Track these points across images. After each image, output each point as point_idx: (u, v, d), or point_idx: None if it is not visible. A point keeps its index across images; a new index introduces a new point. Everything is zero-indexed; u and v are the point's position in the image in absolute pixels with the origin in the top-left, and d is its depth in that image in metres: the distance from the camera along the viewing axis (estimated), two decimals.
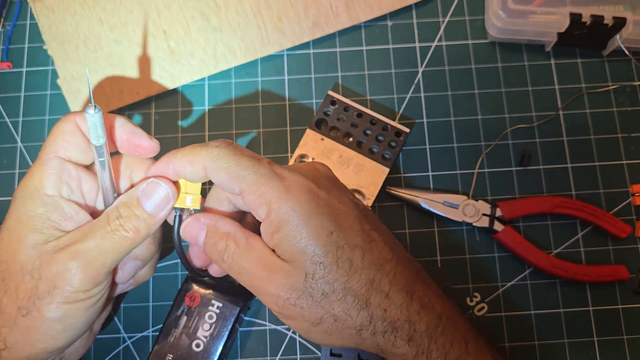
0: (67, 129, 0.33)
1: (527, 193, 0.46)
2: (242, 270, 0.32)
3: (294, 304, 0.31)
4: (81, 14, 0.49)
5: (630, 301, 0.44)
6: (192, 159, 0.32)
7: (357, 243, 0.31)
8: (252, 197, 0.31)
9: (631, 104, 0.48)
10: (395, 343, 0.31)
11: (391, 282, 0.31)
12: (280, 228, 0.30)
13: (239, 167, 0.31)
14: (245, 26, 0.49)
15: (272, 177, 0.31)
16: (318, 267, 0.30)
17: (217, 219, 0.33)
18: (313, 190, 0.31)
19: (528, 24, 0.46)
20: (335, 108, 0.46)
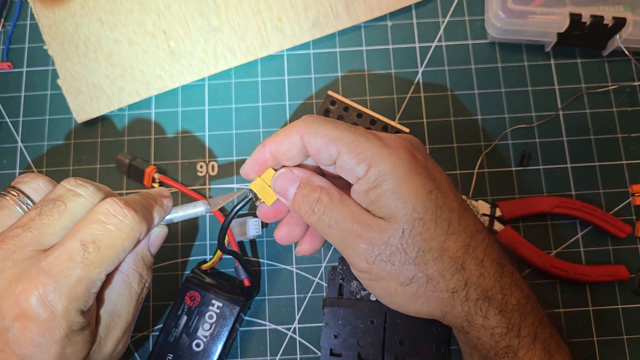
0: None
1: (527, 193, 0.46)
2: (332, 223, 0.31)
3: (386, 260, 0.30)
4: (81, 14, 0.49)
5: (630, 301, 0.44)
6: (288, 131, 0.32)
7: (453, 206, 0.31)
8: (351, 155, 0.30)
9: (631, 104, 0.48)
10: (487, 313, 0.30)
11: (485, 251, 0.31)
12: (380, 184, 0.30)
13: (336, 129, 0.31)
14: (245, 26, 0.49)
15: (371, 137, 0.31)
16: (417, 222, 0.30)
17: (311, 173, 0.33)
18: (411, 151, 0.31)
19: (528, 24, 0.46)
20: (335, 108, 0.46)
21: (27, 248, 0.29)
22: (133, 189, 0.47)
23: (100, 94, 0.48)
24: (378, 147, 0.30)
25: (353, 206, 0.31)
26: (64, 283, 0.28)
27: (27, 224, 0.30)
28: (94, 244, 0.29)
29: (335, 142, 0.30)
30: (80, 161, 0.48)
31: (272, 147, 0.32)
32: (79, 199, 0.31)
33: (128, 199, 0.32)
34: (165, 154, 0.48)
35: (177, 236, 0.46)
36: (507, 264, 0.32)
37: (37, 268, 0.28)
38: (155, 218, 0.33)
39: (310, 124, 0.31)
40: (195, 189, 0.47)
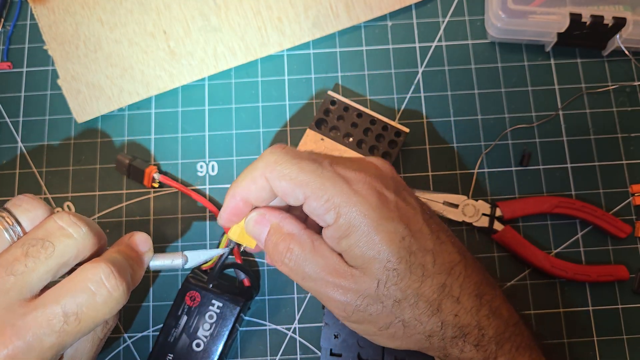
0: None
1: (527, 193, 0.46)
2: (306, 275, 0.30)
3: (363, 310, 0.30)
4: (81, 14, 0.49)
5: (630, 301, 0.44)
6: (252, 175, 0.31)
7: (428, 247, 0.30)
8: (319, 202, 0.29)
9: (631, 104, 0.48)
10: (463, 348, 0.30)
11: (461, 286, 0.30)
12: (350, 233, 0.29)
13: (301, 172, 0.29)
14: (245, 26, 0.49)
15: (338, 180, 0.29)
16: (391, 273, 0.29)
17: (282, 217, 0.32)
18: (381, 193, 0.30)
19: (528, 24, 0.46)
20: (335, 108, 0.46)
21: (8, 294, 0.28)
22: (133, 189, 0.47)
23: (100, 94, 0.48)
24: (346, 194, 0.29)
25: (326, 254, 0.30)
26: (35, 348, 0.28)
27: (11, 266, 0.28)
28: (76, 316, 0.28)
29: (301, 187, 0.29)
30: (80, 161, 0.48)
31: (242, 193, 0.31)
32: (69, 240, 0.29)
33: (117, 263, 0.30)
34: (165, 154, 0.48)
35: (177, 236, 0.46)
36: (487, 291, 0.31)
37: (12, 327, 0.27)
38: (136, 279, 0.33)
39: (273, 165, 0.30)
40: (195, 188, 0.47)
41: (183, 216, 0.46)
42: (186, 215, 0.46)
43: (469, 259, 0.32)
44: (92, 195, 0.47)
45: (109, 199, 0.47)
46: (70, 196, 0.47)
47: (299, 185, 0.29)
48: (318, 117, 0.46)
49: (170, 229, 0.46)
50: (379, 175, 0.31)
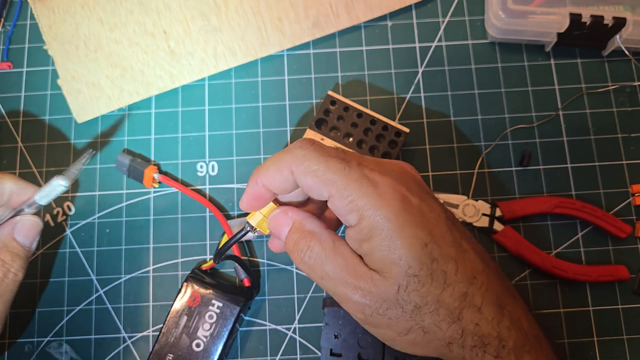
0: None
1: (527, 193, 0.46)
2: (325, 274, 0.30)
3: (382, 314, 0.30)
4: (81, 14, 0.49)
5: (630, 301, 0.44)
6: (279, 166, 0.31)
7: (450, 254, 0.29)
8: (343, 202, 0.29)
9: (631, 104, 0.48)
10: (483, 358, 0.30)
11: (483, 296, 0.30)
12: (372, 237, 0.29)
13: (328, 170, 0.29)
14: (245, 26, 0.49)
15: (364, 182, 0.29)
16: (412, 279, 0.29)
17: (305, 216, 0.32)
18: (406, 197, 0.29)
19: (528, 24, 0.46)
20: (335, 108, 0.46)
21: None
22: (133, 189, 0.47)
23: (100, 94, 0.48)
24: (370, 197, 0.29)
25: (347, 255, 0.30)
26: None
27: None
28: None
29: (326, 186, 0.29)
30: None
31: (264, 181, 0.32)
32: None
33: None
34: (165, 154, 0.48)
35: (177, 236, 0.46)
36: (508, 301, 0.31)
37: None
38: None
39: (301, 160, 0.30)
40: (195, 188, 0.47)
41: (183, 216, 0.46)
42: (186, 215, 0.46)
43: (492, 267, 0.31)
44: (92, 195, 0.47)
45: (109, 199, 0.47)
46: (70, 196, 0.47)
47: (324, 183, 0.29)
48: (318, 117, 0.46)
49: (170, 229, 0.46)
50: (404, 179, 0.31)
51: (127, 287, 0.45)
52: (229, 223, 0.45)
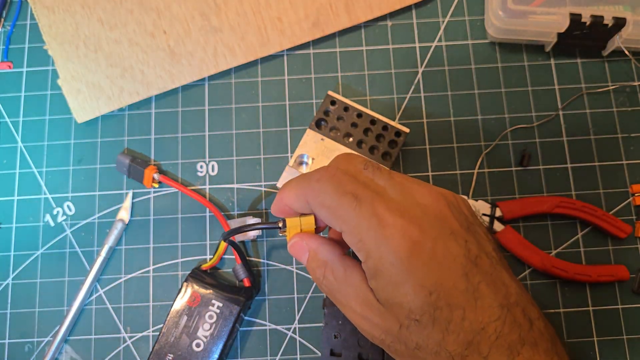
0: None
1: (527, 193, 0.46)
2: (338, 301, 0.32)
3: (388, 346, 0.30)
4: (81, 14, 0.49)
5: (630, 301, 0.44)
6: (297, 193, 0.32)
7: (458, 303, 0.28)
8: (352, 240, 0.30)
9: (631, 104, 0.48)
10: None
11: (491, 346, 0.28)
12: (377, 277, 0.29)
13: (340, 207, 0.30)
14: (245, 26, 0.49)
15: (373, 223, 0.29)
16: (412, 322, 0.29)
17: (319, 243, 0.33)
18: (416, 241, 0.29)
19: (528, 24, 0.46)
20: (335, 108, 0.46)
21: None
22: (133, 189, 0.47)
23: (100, 94, 0.48)
24: (377, 240, 0.29)
25: (358, 285, 0.31)
26: None
27: None
28: None
29: (338, 221, 0.30)
30: (81, 161, 0.48)
31: (286, 201, 0.33)
32: None
33: None
34: (165, 154, 0.48)
35: (177, 236, 0.46)
36: (524, 350, 0.29)
37: None
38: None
39: (317, 193, 0.31)
40: (195, 188, 0.47)
41: (183, 216, 0.46)
42: (186, 215, 0.46)
43: (514, 311, 0.29)
44: (92, 195, 0.47)
45: (109, 199, 0.47)
46: (70, 196, 0.47)
47: (336, 219, 0.30)
48: (318, 117, 0.46)
49: (170, 229, 0.46)
50: (421, 217, 0.30)
51: (127, 287, 0.45)
52: (229, 223, 0.45)
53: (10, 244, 0.46)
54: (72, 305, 0.44)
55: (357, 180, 0.31)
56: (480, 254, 0.30)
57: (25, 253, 0.46)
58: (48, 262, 0.46)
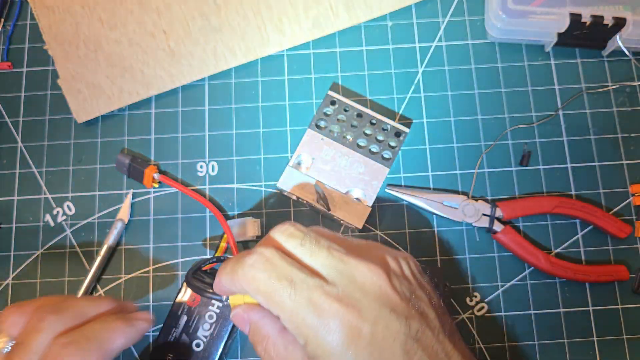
0: None
1: (527, 193, 0.46)
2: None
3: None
4: (81, 14, 0.49)
5: (630, 301, 0.44)
6: (233, 278, 0.32)
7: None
8: (290, 326, 0.30)
9: (631, 104, 0.48)
10: None
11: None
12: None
13: (274, 295, 0.30)
14: (245, 26, 0.49)
15: (309, 312, 0.29)
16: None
17: (260, 317, 0.33)
18: (354, 327, 0.29)
19: (528, 24, 0.46)
20: (335, 108, 0.46)
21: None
22: (133, 189, 0.47)
23: (100, 94, 0.48)
24: (314, 329, 0.29)
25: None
26: None
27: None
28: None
29: (275, 308, 0.30)
30: (80, 161, 0.48)
31: (225, 285, 0.33)
32: (41, 334, 0.32)
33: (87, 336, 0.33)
34: (165, 154, 0.48)
35: (177, 236, 0.46)
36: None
37: None
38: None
39: (251, 280, 0.31)
40: (195, 188, 0.47)
41: (183, 216, 0.46)
42: (186, 215, 0.46)
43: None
44: (92, 195, 0.47)
45: (109, 199, 0.47)
46: (70, 196, 0.47)
47: (272, 305, 0.30)
48: (318, 117, 0.46)
49: (170, 229, 0.46)
50: (359, 300, 0.30)
51: (127, 287, 0.45)
52: (229, 223, 0.45)
53: (11, 244, 0.46)
54: None
55: (292, 261, 0.31)
56: (422, 327, 0.30)
57: (25, 253, 0.46)
58: (48, 262, 0.46)
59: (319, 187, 0.43)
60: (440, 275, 0.45)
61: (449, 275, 0.45)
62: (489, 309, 0.44)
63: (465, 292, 0.45)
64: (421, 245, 0.45)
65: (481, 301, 0.44)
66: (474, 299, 0.45)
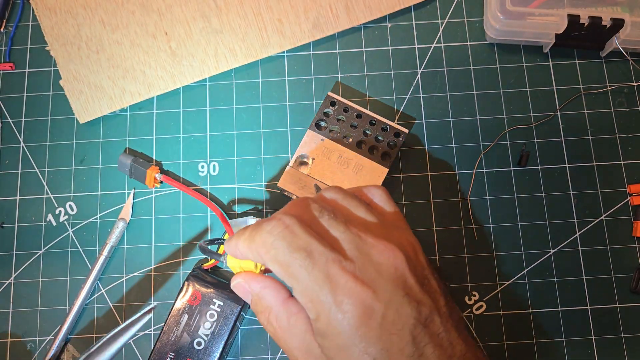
0: None
1: (525, 193, 0.47)
2: (281, 346, 0.31)
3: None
4: (83, 16, 0.49)
5: (628, 300, 0.44)
6: (250, 246, 0.31)
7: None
8: (303, 299, 0.29)
9: (629, 105, 0.48)
10: None
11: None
12: (325, 338, 0.29)
13: (291, 265, 0.29)
14: (246, 28, 0.49)
15: (325, 286, 0.28)
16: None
17: (262, 286, 0.32)
18: (367, 305, 0.28)
19: (526, 26, 0.47)
20: (335, 109, 0.47)
21: None
22: (135, 189, 0.47)
23: (102, 95, 0.48)
24: (327, 304, 0.28)
25: (301, 335, 0.30)
26: None
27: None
28: None
29: (289, 279, 0.29)
30: (83, 161, 0.48)
31: (241, 252, 0.32)
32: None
33: None
34: (166, 154, 0.48)
35: (178, 235, 0.46)
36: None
37: None
38: None
39: (268, 248, 0.30)
40: (197, 188, 0.47)
41: (184, 216, 0.47)
42: (187, 215, 0.47)
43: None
44: (94, 195, 0.47)
45: (111, 199, 0.47)
46: (72, 196, 0.47)
47: (287, 277, 0.29)
48: (318, 118, 0.46)
49: (171, 229, 0.46)
50: (375, 279, 0.29)
51: (129, 286, 0.46)
52: (230, 223, 0.45)
53: (13, 244, 0.47)
54: (74, 304, 0.44)
55: (311, 231, 0.30)
56: (432, 315, 0.30)
57: (27, 252, 0.46)
58: (50, 261, 0.46)
59: (319, 187, 0.43)
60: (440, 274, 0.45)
61: (448, 274, 0.45)
62: (488, 308, 0.45)
63: (464, 291, 0.45)
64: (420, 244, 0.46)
65: (480, 300, 0.45)
66: (473, 298, 0.45)
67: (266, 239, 0.30)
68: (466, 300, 0.45)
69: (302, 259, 0.29)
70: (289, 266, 0.29)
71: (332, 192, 0.33)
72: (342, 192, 0.33)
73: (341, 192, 0.33)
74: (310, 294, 0.29)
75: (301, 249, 0.29)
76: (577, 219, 0.46)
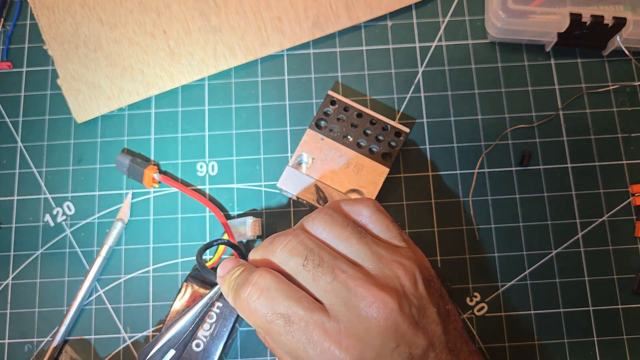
0: None
1: (527, 193, 0.46)
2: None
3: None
4: (81, 14, 0.49)
5: (630, 301, 0.44)
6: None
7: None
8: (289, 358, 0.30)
9: (631, 104, 0.48)
10: None
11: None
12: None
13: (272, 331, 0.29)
14: (245, 26, 0.49)
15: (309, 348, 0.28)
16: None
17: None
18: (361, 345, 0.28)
19: (528, 24, 0.46)
20: (335, 108, 0.46)
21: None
22: (133, 189, 0.47)
23: (100, 94, 0.48)
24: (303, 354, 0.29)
25: None
26: None
27: None
28: None
29: (274, 343, 0.30)
30: (80, 161, 0.48)
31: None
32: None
33: None
34: (165, 154, 0.48)
35: (177, 236, 0.46)
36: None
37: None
38: None
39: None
40: (196, 188, 0.47)
41: (183, 216, 0.46)
42: (186, 215, 0.46)
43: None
44: (92, 195, 0.47)
45: (109, 199, 0.47)
46: (70, 196, 0.47)
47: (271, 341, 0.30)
48: (318, 117, 0.46)
49: (170, 229, 0.46)
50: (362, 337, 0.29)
51: (127, 287, 0.45)
52: (229, 223, 0.45)
53: (10, 244, 0.46)
54: (72, 305, 0.44)
55: (290, 291, 0.29)
56: (426, 353, 0.29)
57: (25, 253, 0.46)
58: (48, 262, 0.46)
59: (319, 187, 0.43)
60: (440, 275, 0.45)
61: (448, 275, 0.45)
62: (489, 309, 0.44)
63: (465, 292, 0.45)
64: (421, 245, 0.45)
65: (481, 301, 0.44)
66: (474, 299, 0.45)
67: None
68: (467, 301, 0.44)
69: (281, 326, 0.28)
70: (269, 332, 0.29)
71: (320, 222, 0.32)
72: (332, 220, 0.32)
73: (330, 222, 0.32)
74: (294, 355, 0.29)
75: (279, 316, 0.29)
76: (579, 219, 0.46)
